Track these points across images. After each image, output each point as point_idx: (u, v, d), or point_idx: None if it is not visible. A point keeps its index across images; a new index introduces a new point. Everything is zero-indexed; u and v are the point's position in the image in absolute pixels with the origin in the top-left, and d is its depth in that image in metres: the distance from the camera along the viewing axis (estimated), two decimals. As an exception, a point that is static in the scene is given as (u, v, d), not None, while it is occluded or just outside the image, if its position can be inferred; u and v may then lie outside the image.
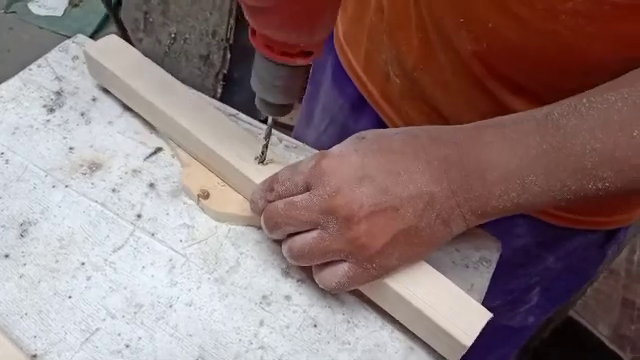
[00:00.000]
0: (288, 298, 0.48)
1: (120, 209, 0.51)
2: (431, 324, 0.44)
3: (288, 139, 0.59)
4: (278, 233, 0.46)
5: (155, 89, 0.55)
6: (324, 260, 0.44)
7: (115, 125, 0.58)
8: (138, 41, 1.81)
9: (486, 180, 0.42)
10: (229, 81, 1.79)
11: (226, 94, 1.80)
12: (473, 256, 0.53)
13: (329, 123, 0.76)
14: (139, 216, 0.51)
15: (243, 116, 0.60)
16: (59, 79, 0.60)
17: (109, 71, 0.56)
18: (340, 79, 0.71)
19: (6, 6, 2.26)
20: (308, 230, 0.44)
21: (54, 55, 0.62)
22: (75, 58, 0.62)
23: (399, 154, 0.43)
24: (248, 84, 0.46)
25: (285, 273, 0.49)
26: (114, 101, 0.59)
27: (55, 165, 0.54)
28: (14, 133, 0.55)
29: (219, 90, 1.80)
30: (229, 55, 1.74)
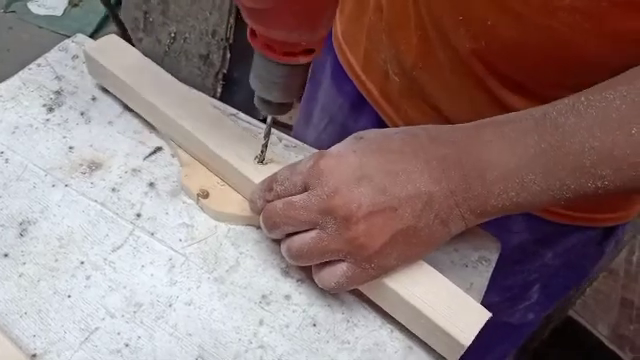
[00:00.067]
0: (288, 297, 0.48)
1: (120, 208, 0.52)
2: (430, 323, 0.44)
3: (288, 138, 0.59)
4: (277, 233, 0.46)
5: (155, 89, 0.55)
6: (323, 260, 0.44)
7: (115, 124, 0.58)
8: (138, 41, 1.81)
9: (485, 179, 0.42)
10: (229, 81, 1.80)
11: (226, 94, 1.80)
12: (472, 255, 0.53)
13: (328, 122, 0.76)
14: (139, 215, 0.51)
15: (243, 115, 0.60)
16: (59, 78, 0.60)
17: (109, 71, 0.56)
18: (339, 78, 0.71)
19: (6, 5, 2.26)
20: (307, 230, 0.44)
21: (54, 55, 0.62)
22: (75, 58, 0.62)
23: (398, 154, 0.43)
24: (248, 83, 0.46)
25: (285, 273, 0.50)
26: (114, 101, 0.59)
27: (55, 164, 0.54)
28: (14, 132, 0.55)
29: (219, 90, 1.80)
30: (229, 55, 1.74)
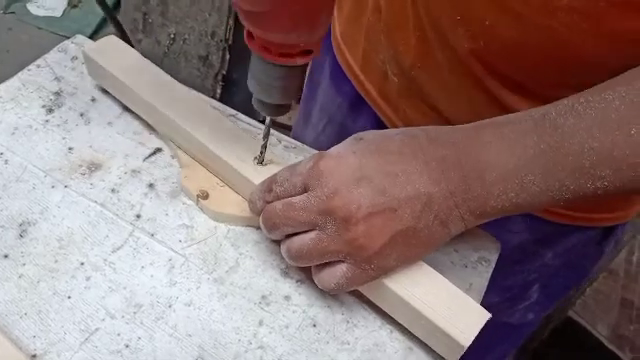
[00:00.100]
0: (287, 298, 0.48)
1: (119, 209, 0.52)
2: (429, 324, 0.44)
3: (287, 139, 0.60)
4: (277, 234, 0.46)
5: (154, 90, 0.55)
6: (322, 261, 0.44)
7: (114, 125, 0.58)
8: (137, 42, 1.81)
9: (484, 180, 0.42)
10: (228, 82, 1.80)
11: (225, 95, 1.80)
12: (472, 256, 0.53)
13: (327, 122, 0.76)
14: (138, 216, 0.51)
15: (242, 116, 0.60)
16: (58, 79, 0.60)
17: (108, 72, 0.56)
18: (338, 78, 0.71)
19: (5, 7, 2.26)
20: (306, 231, 0.44)
21: (53, 56, 0.62)
22: (74, 59, 0.62)
23: (397, 155, 0.43)
24: (247, 85, 0.46)
25: (284, 273, 0.50)
26: (113, 102, 0.59)
27: (54, 165, 0.54)
28: (13, 133, 0.55)
29: (218, 91, 1.80)
30: (228, 56, 1.74)
